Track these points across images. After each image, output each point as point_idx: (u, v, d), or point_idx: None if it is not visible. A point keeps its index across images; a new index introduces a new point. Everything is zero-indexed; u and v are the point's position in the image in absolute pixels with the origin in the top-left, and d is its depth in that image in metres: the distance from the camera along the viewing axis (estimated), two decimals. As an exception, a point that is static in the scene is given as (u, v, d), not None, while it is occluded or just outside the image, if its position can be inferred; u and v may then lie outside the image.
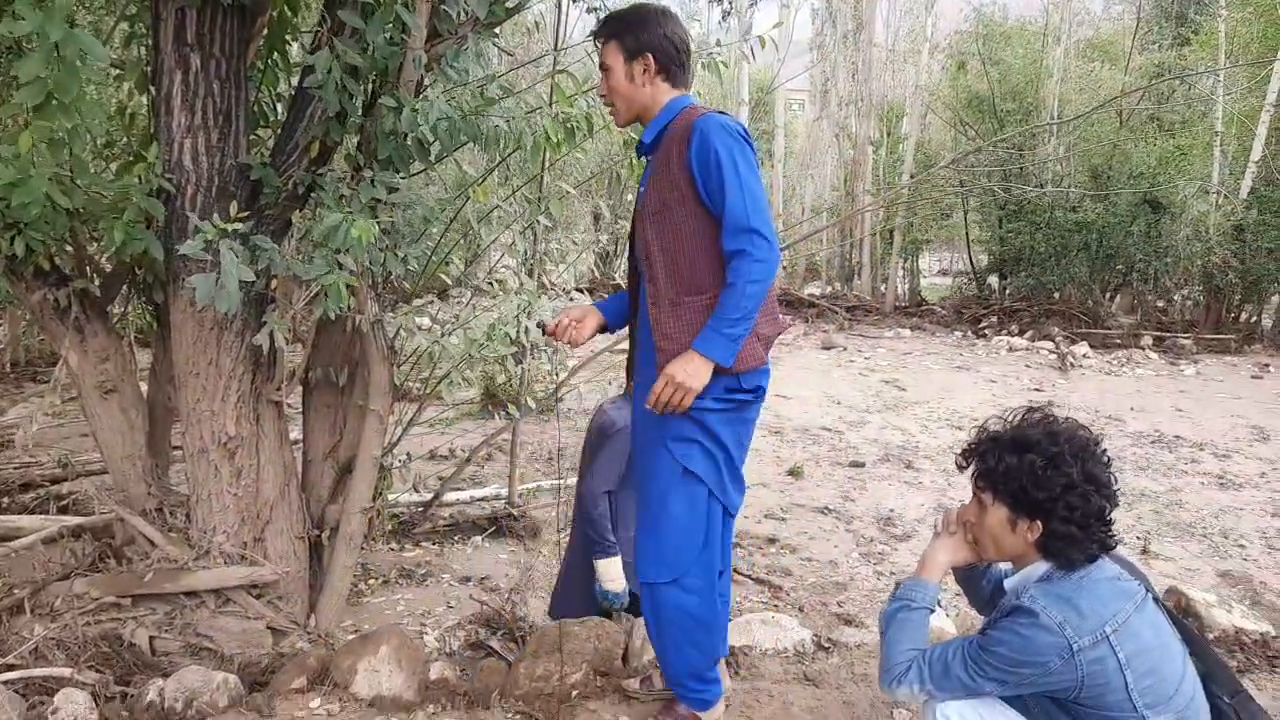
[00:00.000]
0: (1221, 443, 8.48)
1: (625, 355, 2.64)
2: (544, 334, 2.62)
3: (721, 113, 2.23)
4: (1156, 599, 1.88)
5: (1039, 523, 1.84)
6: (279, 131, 3.17)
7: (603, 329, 2.64)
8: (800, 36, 21.18)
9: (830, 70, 18.22)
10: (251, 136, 3.16)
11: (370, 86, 2.83)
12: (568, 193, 3.64)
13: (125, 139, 3.61)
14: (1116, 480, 1.87)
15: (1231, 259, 13.90)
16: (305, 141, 2.99)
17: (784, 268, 18.55)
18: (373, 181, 2.67)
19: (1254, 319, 15.26)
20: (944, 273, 27.05)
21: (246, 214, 2.70)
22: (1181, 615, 2.89)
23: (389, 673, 2.37)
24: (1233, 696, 1.90)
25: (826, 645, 2.70)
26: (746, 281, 2.10)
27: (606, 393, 6.13)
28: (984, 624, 1.94)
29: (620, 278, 17.94)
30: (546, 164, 3.78)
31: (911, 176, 17.28)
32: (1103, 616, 1.74)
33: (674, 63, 2.30)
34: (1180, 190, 14.24)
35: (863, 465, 7.47)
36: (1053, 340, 14.04)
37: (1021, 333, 15.14)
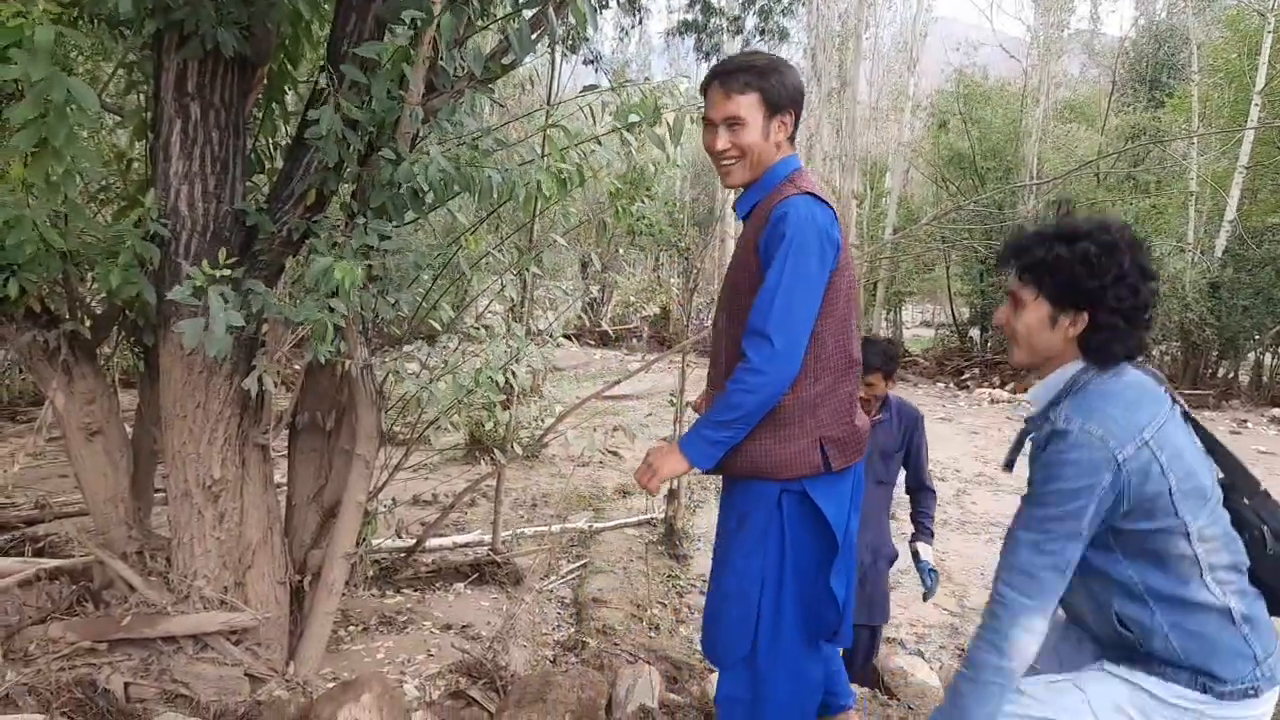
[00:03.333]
0: (1201, 497, 8.55)
1: (613, 402, 2.67)
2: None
3: (814, 195, 2.06)
4: (1177, 402, 1.81)
5: (1085, 314, 1.76)
6: (275, 179, 3.22)
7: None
8: (786, 92, 21.60)
9: (815, 126, 18.57)
10: (247, 183, 3.21)
11: (368, 138, 2.89)
12: (556, 242, 3.70)
13: (121, 184, 3.65)
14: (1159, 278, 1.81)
15: (1208, 315, 14.15)
16: (301, 190, 3.04)
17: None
18: (365, 229, 2.72)
19: (1231, 375, 15.47)
20: (926, 324, 27.34)
21: (237, 260, 2.73)
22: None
23: (370, 721, 2.34)
24: (1252, 497, 1.84)
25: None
26: (736, 387, 2.01)
27: (594, 440, 6.15)
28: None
29: (606, 324, 18.01)
30: (537, 213, 3.84)
31: (895, 230, 17.54)
32: (1139, 422, 1.68)
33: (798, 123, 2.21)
34: (1156, 248, 14.53)
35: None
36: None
37: (1003, 385, 15.29)
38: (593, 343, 17.68)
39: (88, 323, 3.24)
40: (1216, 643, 1.72)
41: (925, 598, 3.50)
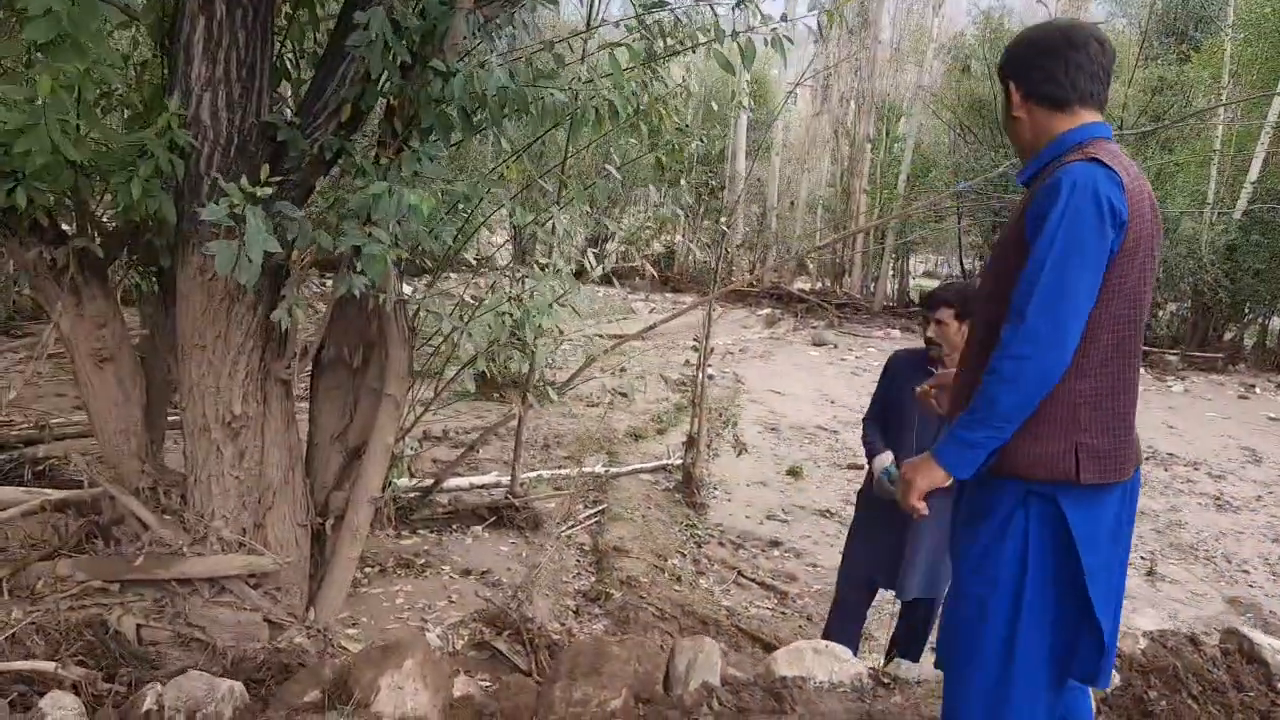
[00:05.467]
0: (1215, 463, 8.46)
1: (643, 344, 2.42)
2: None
3: (1100, 162, 1.75)
4: None
5: None
6: (306, 91, 2.93)
7: None
8: (801, 28, 20.95)
9: (833, 66, 18.02)
10: (273, 94, 2.92)
11: (411, 47, 2.60)
12: (611, 174, 3.43)
13: (131, 90, 3.34)
14: None
15: (1222, 278, 13.93)
16: (336, 104, 2.76)
17: (774, 269, 18.42)
18: (414, 152, 2.45)
19: (1238, 339, 15.34)
20: (929, 274, 27.08)
21: (280, 177, 2.47)
22: (1245, 661, 2.76)
23: (414, 690, 2.17)
24: None
25: (887, 682, 2.53)
26: (992, 378, 1.76)
27: (633, 384, 5.95)
28: None
29: (640, 259, 17.61)
30: (586, 145, 3.56)
31: (908, 178, 17.17)
32: None
33: (1047, 81, 1.88)
34: (1173, 207, 14.22)
35: (861, 468, 7.34)
36: (1042, 349, 14.01)
37: (1009, 338, 15.11)
38: (595, 280, 17.34)
39: (98, 240, 2.98)
40: None
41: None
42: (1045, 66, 1.88)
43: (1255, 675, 2.70)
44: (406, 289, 3.33)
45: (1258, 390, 12.56)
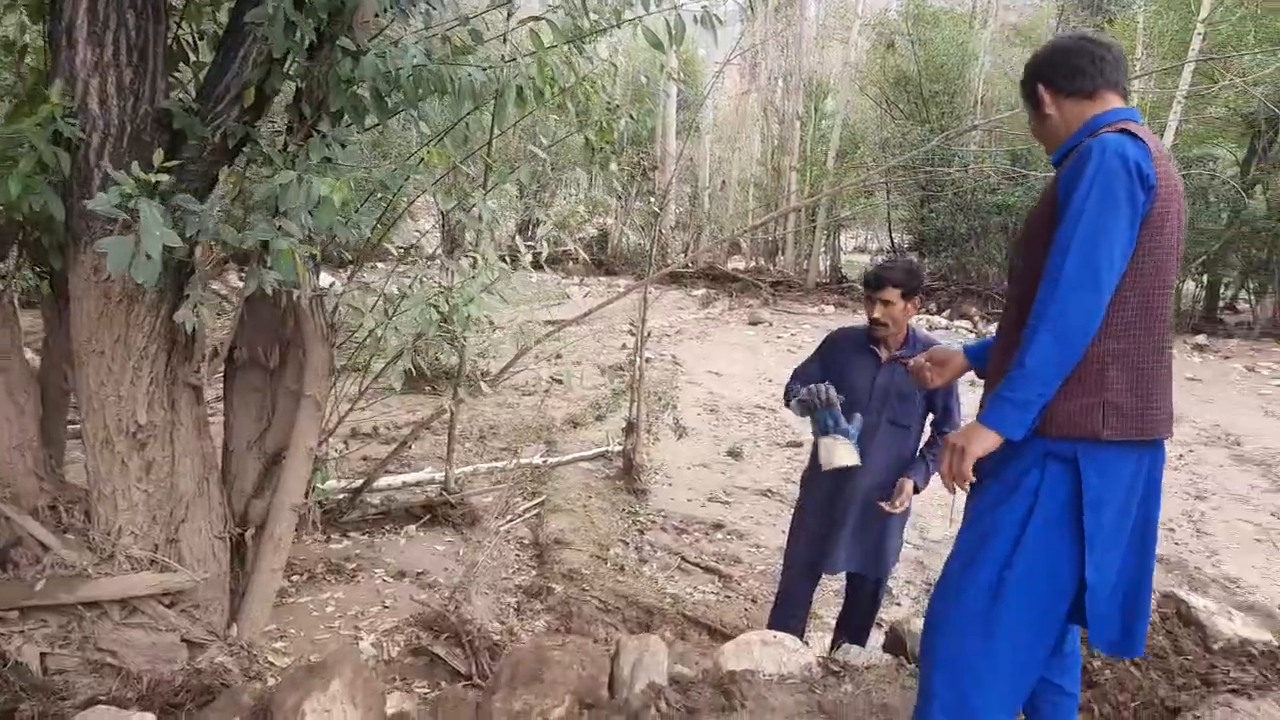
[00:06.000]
0: (1138, 427, 8.70)
1: (579, 329, 2.33)
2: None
3: (1129, 133, 1.84)
4: None
5: None
6: (205, 74, 2.73)
7: (966, 372, 2.38)
8: (729, 6, 20.89)
9: (760, 43, 18.01)
10: (169, 79, 2.71)
11: (318, 25, 2.42)
12: (538, 155, 3.29)
13: (13, 79, 3.08)
14: None
15: (1139, 246, 14.34)
16: (238, 88, 2.56)
17: (707, 250, 18.38)
18: (324, 138, 2.28)
19: (1155, 304, 15.87)
20: (860, 250, 27.43)
21: (177, 163, 2.27)
22: (1182, 624, 2.79)
23: (342, 713, 2.03)
24: None
25: (837, 670, 2.48)
26: (1035, 336, 1.81)
27: (570, 373, 5.83)
28: None
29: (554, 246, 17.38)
30: (510, 124, 3.41)
31: (838, 154, 17.28)
32: None
33: (1075, 75, 1.99)
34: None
35: (800, 445, 7.36)
36: (970, 319, 14.32)
37: (939, 311, 15.40)
38: (526, 266, 17.11)
39: (-21, 242, 2.74)
40: None
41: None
42: (1073, 62, 2.00)
43: (1192, 639, 2.74)
44: (327, 281, 3.17)
45: (1176, 354, 13.00)
